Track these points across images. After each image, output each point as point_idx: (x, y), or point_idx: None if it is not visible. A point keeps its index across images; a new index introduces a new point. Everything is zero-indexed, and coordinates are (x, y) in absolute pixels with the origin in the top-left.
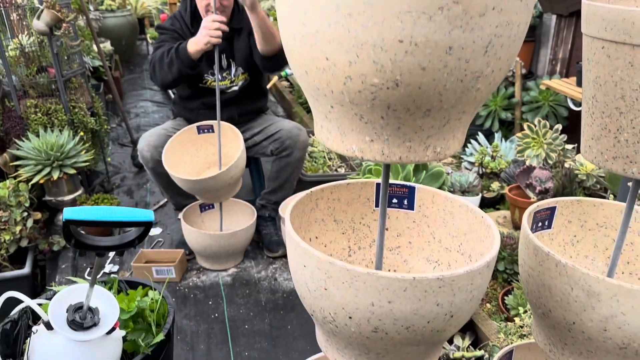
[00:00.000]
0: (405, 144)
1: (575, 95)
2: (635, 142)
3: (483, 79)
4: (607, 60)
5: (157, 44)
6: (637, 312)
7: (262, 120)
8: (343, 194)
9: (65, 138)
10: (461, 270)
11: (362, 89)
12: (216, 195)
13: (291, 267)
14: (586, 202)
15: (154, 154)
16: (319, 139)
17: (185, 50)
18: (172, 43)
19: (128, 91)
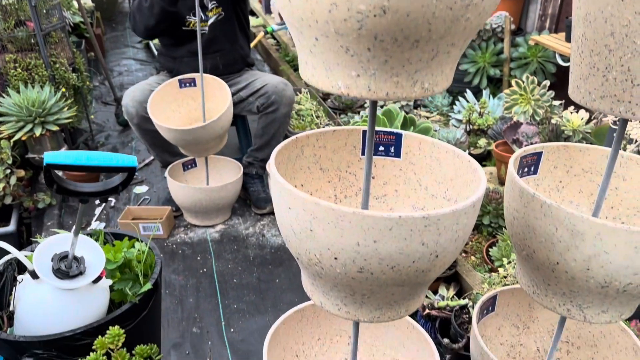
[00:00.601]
0: (393, 79)
1: (564, 51)
2: (624, 81)
3: (473, 8)
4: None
5: None
6: (619, 250)
7: (247, 75)
8: (329, 141)
9: (46, 94)
10: (447, 210)
11: (348, 17)
12: (204, 148)
13: (276, 210)
14: (572, 147)
15: (139, 109)
16: (304, 78)
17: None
18: None
19: (110, 49)
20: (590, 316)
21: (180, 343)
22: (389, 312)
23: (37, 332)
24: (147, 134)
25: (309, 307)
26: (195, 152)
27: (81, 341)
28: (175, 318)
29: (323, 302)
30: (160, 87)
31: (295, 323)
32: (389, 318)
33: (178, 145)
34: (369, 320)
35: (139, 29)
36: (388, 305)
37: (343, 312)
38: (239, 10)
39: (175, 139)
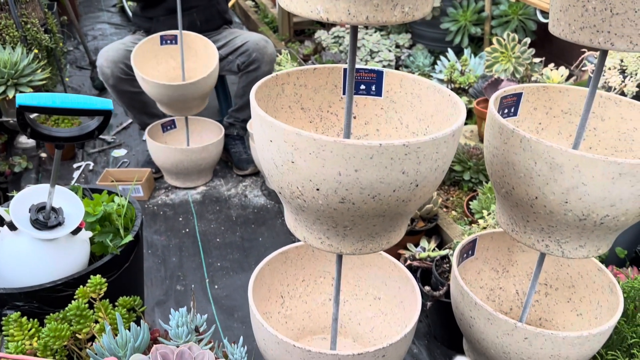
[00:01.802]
0: (373, 2)
1: (544, 7)
2: (603, 10)
3: None
4: None
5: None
6: (597, 181)
7: (226, 33)
8: (310, 80)
9: (18, 55)
10: (427, 138)
11: None
12: (188, 107)
13: (257, 144)
14: (552, 88)
15: (114, 70)
16: (282, 3)
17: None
18: None
19: (84, 13)
20: (568, 251)
21: (164, 300)
22: (371, 244)
23: (18, 284)
24: (123, 95)
25: (292, 250)
26: (178, 111)
27: (62, 292)
28: (158, 277)
29: (306, 236)
30: (141, 43)
31: (279, 265)
32: (370, 250)
33: (161, 102)
34: (352, 252)
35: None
36: (370, 237)
37: (326, 245)
38: None
39: (160, 95)
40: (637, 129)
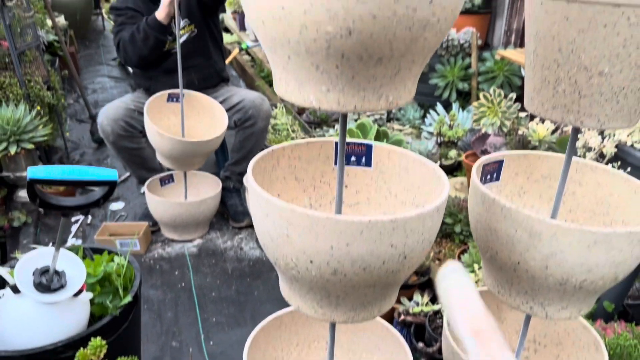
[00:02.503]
0: (360, 93)
1: None
2: (572, 92)
3: (430, 28)
4: (545, 16)
5: (117, 28)
6: (574, 249)
7: (224, 91)
8: (304, 152)
9: (21, 112)
10: (413, 213)
11: (317, 37)
12: (191, 162)
13: (254, 218)
14: (532, 155)
15: (115, 127)
16: (278, 93)
17: (155, 19)
18: (130, 23)
19: (84, 67)
20: (551, 313)
21: (160, 357)
22: (363, 312)
23: (19, 346)
24: (123, 150)
25: (287, 315)
26: (182, 166)
27: (63, 354)
28: (154, 332)
29: (300, 305)
30: (151, 100)
31: (274, 330)
32: (362, 318)
33: (169, 157)
34: (344, 320)
35: (132, 59)
36: (361, 306)
37: (319, 314)
38: (212, 25)
39: (171, 150)
40: (612, 194)
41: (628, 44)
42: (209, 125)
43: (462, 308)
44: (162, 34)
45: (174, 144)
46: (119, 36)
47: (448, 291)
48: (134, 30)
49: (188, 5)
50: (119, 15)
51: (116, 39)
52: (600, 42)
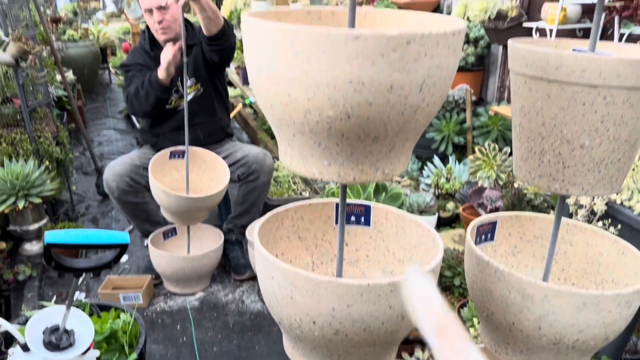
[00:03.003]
0: (358, 167)
1: None
2: (556, 163)
3: (420, 111)
4: (528, 93)
5: (127, 82)
6: (566, 310)
7: (228, 146)
8: (306, 213)
9: (30, 167)
10: None
11: (320, 120)
12: (195, 217)
13: (260, 279)
14: (524, 216)
15: (120, 183)
16: (283, 163)
17: (156, 78)
18: (140, 76)
19: (91, 120)
20: None
21: None
22: None
23: None
24: (127, 205)
25: None
26: (185, 220)
27: None
28: None
29: None
30: (155, 157)
31: None
32: None
33: (173, 213)
34: None
35: (138, 113)
36: None
37: None
38: (217, 83)
39: (177, 207)
40: (602, 254)
41: (605, 120)
42: (211, 179)
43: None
44: (162, 92)
45: (179, 201)
46: (127, 90)
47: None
48: (139, 86)
49: (195, 66)
50: (128, 70)
51: (125, 92)
52: (580, 118)
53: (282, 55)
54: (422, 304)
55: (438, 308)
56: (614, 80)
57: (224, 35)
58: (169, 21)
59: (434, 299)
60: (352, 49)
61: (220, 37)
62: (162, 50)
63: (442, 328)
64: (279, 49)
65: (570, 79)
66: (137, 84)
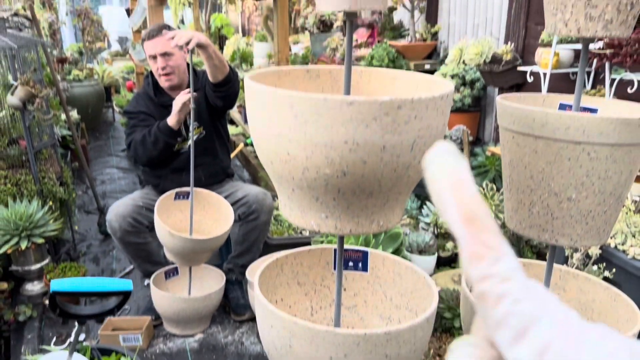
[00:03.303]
0: (354, 220)
1: None
2: (545, 214)
3: (412, 168)
4: (517, 148)
5: (129, 129)
6: None
7: (229, 186)
8: (305, 259)
9: (34, 208)
10: (404, 326)
11: (317, 177)
12: (198, 258)
13: (259, 327)
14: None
15: (122, 223)
16: (283, 215)
17: (166, 124)
18: (142, 126)
19: (94, 158)
20: None
21: None
22: None
23: None
24: (129, 245)
25: None
26: (188, 262)
27: None
28: None
29: None
30: (161, 199)
31: None
32: None
33: (178, 254)
34: None
35: (142, 160)
36: None
37: None
38: (219, 126)
39: (183, 248)
40: (594, 300)
41: (590, 175)
42: (214, 220)
43: (452, 193)
44: (171, 138)
45: (184, 243)
46: (130, 137)
47: (436, 175)
48: (146, 133)
49: (198, 109)
50: (131, 118)
51: (128, 139)
52: (566, 172)
53: (282, 117)
54: (451, 187)
55: (469, 194)
56: (596, 137)
57: (229, 81)
58: (173, 67)
59: (467, 184)
60: (347, 113)
61: (225, 83)
62: (176, 98)
63: (471, 217)
64: (279, 111)
65: (555, 136)
66: (144, 132)
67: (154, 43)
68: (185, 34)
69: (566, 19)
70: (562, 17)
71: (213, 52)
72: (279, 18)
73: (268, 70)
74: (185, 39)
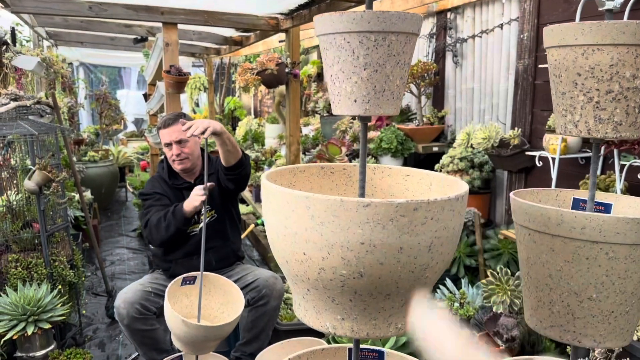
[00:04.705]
0: (371, 322)
1: None
2: (566, 314)
3: (430, 269)
4: (533, 245)
5: (145, 210)
6: None
7: (239, 269)
8: (318, 359)
9: (43, 292)
10: None
11: (333, 278)
12: (208, 346)
13: None
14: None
15: (130, 310)
16: (297, 316)
17: (181, 212)
18: (158, 205)
19: (105, 238)
20: None
21: None
22: None
23: None
24: (136, 333)
25: None
26: (197, 350)
27: None
28: None
29: None
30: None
31: None
32: None
33: (186, 342)
34: None
35: (155, 241)
36: None
37: None
38: (231, 208)
39: (195, 336)
40: None
41: (610, 274)
42: (220, 304)
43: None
44: (184, 225)
45: (198, 331)
46: (146, 217)
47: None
48: (161, 217)
49: (210, 193)
50: (146, 199)
51: (144, 220)
52: (585, 271)
53: (299, 217)
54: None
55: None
56: (613, 237)
57: (241, 165)
58: (187, 154)
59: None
60: (363, 214)
61: (238, 167)
62: (194, 189)
63: None
64: (296, 212)
65: (572, 235)
66: (160, 215)
67: (169, 131)
68: (201, 124)
69: (576, 120)
70: (572, 119)
71: (227, 138)
72: (291, 103)
73: (284, 168)
74: (201, 129)
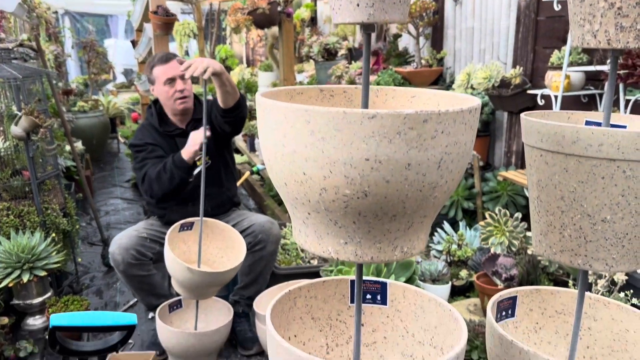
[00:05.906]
0: (376, 245)
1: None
2: (578, 237)
3: (439, 189)
4: (545, 166)
5: (139, 163)
6: None
7: (235, 215)
8: (319, 291)
9: (36, 240)
10: None
11: (336, 199)
12: (208, 292)
13: None
14: (544, 290)
15: (125, 256)
16: (297, 242)
17: (182, 159)
18: (153, 157)
19: (98, 189)
20: None
21: None
22: None
23: None
24: (132, 278)
25: None
26: (197, 296)
27: None
28: None
29: None
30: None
31: None
32: None
33: (186, 287)
34: None
35: (156, 194)
36: None
37: None
38: (225, 153)
39: (198, 282)
40: (628, 330)
41: (626, 194)
42: (219, 249)
43: None
44: (187, 174)
45: (202, 277)
46: (143, 171)
47: None
48: (161, 169)
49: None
50: (138, 151)
51: (140, 173)
52: (600, 192)
53: (297, 134)
54: None
55: None
56: (632, 154)
57: (239, 107)
58: (189, 91)
59: None
60: (368, 127)
61: (236, 108)
62: (191, 134)
63: None
64: (294, 128)
65: (587, 153)
66: (159, 168)
67: (171, 66)
68: (200, 64)
69: (595, 30)
70: (591, 29)
71: (227, 79)
72: (285, 45)
73: (280, 89)
74: (201, 70)
